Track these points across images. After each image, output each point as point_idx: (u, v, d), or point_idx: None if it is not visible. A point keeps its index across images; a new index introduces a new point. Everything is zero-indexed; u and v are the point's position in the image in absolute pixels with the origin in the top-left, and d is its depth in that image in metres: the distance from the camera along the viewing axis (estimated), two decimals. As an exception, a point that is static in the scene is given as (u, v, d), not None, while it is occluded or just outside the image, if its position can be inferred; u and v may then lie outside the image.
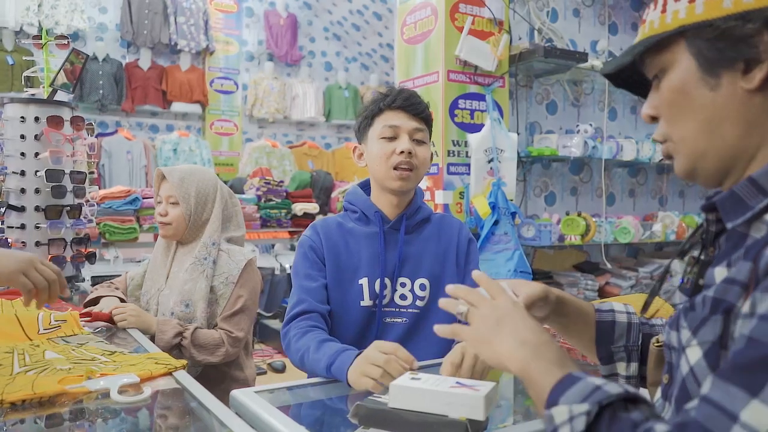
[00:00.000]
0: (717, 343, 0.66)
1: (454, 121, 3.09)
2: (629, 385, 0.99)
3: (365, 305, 1.53)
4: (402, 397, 0.96)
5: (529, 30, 3.48)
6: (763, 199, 0.69)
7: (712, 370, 0.66)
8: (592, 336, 1.00)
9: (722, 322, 0.66)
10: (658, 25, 0.75)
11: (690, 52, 0.73)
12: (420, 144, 1.54)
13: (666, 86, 0.76)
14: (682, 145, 0.76)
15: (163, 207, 1.96)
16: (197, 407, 1.10)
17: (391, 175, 1.52)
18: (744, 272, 0.65)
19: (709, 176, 0.76)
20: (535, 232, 3.23)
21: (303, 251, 1.58)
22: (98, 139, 6.00)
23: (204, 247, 1.93)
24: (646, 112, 0.81)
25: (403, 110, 1.52)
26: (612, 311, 1.01)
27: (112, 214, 3.39)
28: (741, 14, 0.68)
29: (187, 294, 1.89)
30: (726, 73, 0.70)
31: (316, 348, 1.36)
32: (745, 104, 0.70)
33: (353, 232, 1.58)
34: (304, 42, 8.02)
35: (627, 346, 0.99)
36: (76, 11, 6.17)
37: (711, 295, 0.69)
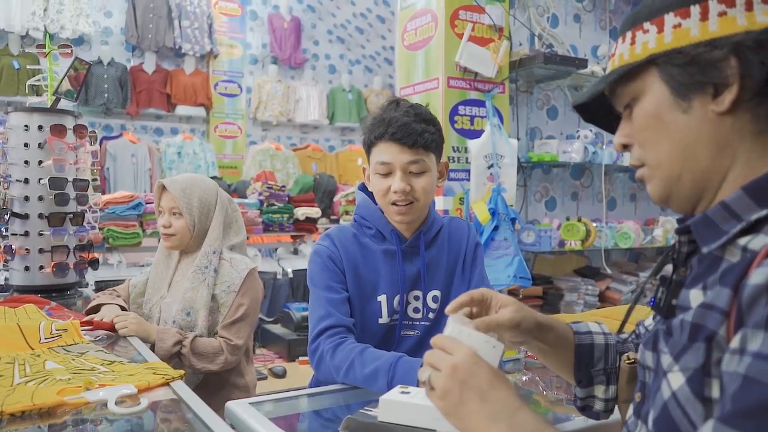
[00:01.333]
0: (700, 371, 0.67)
1: (454, 128, 3.10)
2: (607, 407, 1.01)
3: (383, 322, 1.52)
4: (391, 411, 0.98)
5: (530, 36, 3.49)
6: (737, 224, 0.70)
7: (697, 397, 0.67)
8: (571, 359, 1.00)
9: (705, 349, 0.67)
10: (628, 56, 0.78)
11: (661, 78, 0.75)
12: (418, 175, 1.45)
13: (640, 112, 0.78)
14: (658, 169, 0.78)
15: (166, 218, 1.97)
16: (193, 419, 1.13)
17: (390, 210, 1.49)
18: (723, 299, 0.66)
19: (682, 200, 0.78)
20: (536, 237, 3.24)
21: (322, 261, 1.52)
22: (103, 142, 6.06)
23: (205, 256, 1.95)
24: (618, 141, 0.83)
25: (395, 143, 1.43)
26: (590, 333, 1.01)
27: (115, 219, 3.42)
28: (709, 41, 0.70)
29: (189, 302, 1.91)
30: (697, 97, 0.73)
31: (362, 363, 1.32)
32: (715, 127, 0.72)
33: (370, 247, 1.55)
34: (307, 45, 8.05)
35: (606, 369, 1.00)
36: (81, 15, 6.22)
37: (689, 320, 0.70)
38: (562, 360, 1.00)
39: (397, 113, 1.44)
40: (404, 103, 1.48)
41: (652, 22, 0.75)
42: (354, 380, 1.33)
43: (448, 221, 1.65)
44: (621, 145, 0.83)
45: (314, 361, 1.43)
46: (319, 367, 1.41)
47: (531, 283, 3.02)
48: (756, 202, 0.69)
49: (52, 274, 2.30)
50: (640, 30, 0.76)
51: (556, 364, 1.02)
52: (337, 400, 1.27)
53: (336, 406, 1.27)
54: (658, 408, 0.72)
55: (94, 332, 1.76)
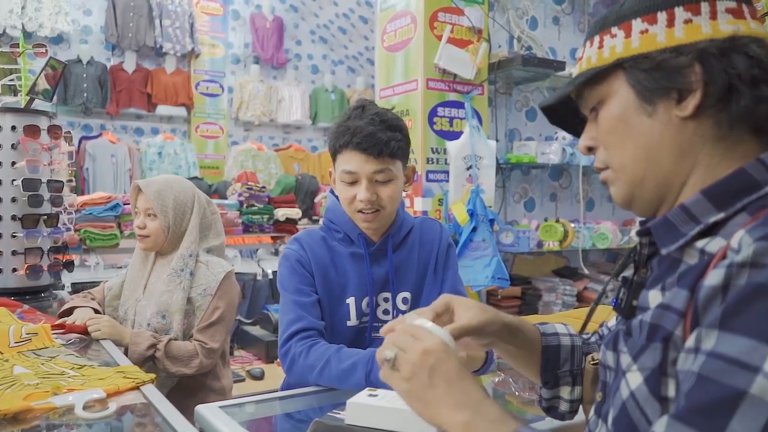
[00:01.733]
0: (657, 371, 0.68)
1: (433, 129, 3.11)
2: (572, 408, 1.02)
3: (351, 325, 1.52)
4: (358, 414, 0.98)
5: (509, 38, 3.52)
6: (695, 227, 0.72)
7: (654, 397, 0.68)
8: (538, 361, 1.00)
9: (662, 349, 0.68)
10: (595, 60, 0.79)
11: (628, 82, 0.76)
12: (384, 184, 1.46)
13: (606, 115, 0.79)
14: (621, 172, 0.79)
15: (141, 220, 1.96)
16: (162, 423, 1.12)
17: (357, 218, 1.49)
18: (680, 300, 0.68)
19: (645, 203, 0.79)
20: (514, 238, 3.26)
21: (290, 264, 1.53)
22: (82, 142, 6.00)
23: (181, 259, 1.94)
24: (584, 144, 0.84)
25: (361, 152, 1.41)
26: (556, 335, 1.02)
27: (92, 221, 3.38)
28: (674, 48, 0.72)
29: (164, 305, 1.90)
30: (662, 102, 0.74)
31: (339, 359, 1.33)
32: (679, 131, 0.74)
33: (338, 250, 1.55)
34: (290, 45, 8.02)
35: (572, 370, 1.01)
36: (60, 14, 6.14)
37: (647, 321, 0.71)
38: (530, 361, 1.01)
39: (362, 121, 1.42)
40: (370, 109, 1.46)
41: (620, 26, 0.77)
42: (329, 377, 1.33)
43: (420, 222, 1.64)
44: (586, 148, 0.84)
45: (286, 363, 1.42)
46: (291, 369, 1.40)
47: (509, 283, 3.04)
48: (714, 205, 0.71)
49: (26, 276, 2.27)
50: (608, 34, 0.78)
51: (524, 366, 1.03)
52: (309, 402, 1.27)
53: (308, 408, 1.27)
54: (617, 407, 0.73)
55: (66, 336, 1.74)
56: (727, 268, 0.61)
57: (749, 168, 0.71)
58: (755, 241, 0.60)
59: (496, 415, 0.74)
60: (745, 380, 0.55)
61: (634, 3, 0.76)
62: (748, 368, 0.55)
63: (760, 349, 0.55)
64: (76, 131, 6.40)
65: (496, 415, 0.74)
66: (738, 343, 0.57)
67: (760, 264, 0.59)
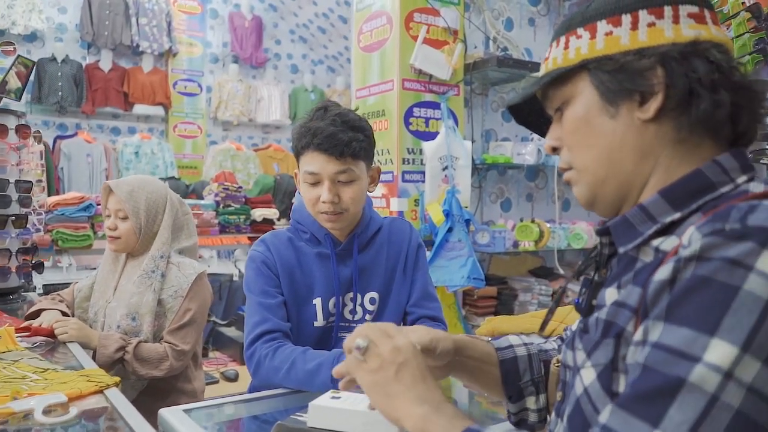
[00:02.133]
0: (609, 366, 0.69)
1: (409, 129, 3.11)
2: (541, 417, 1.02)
3: (318, 325, 1.52)
4: (320, 417, 0.98)
5: (485, 39, 3.53)
6: (652, 226, 0.73)
7: (606, 392, 0.69)
8: (498, 376, 1.00)
9: (614, 345, 0.69)
10: (561, 60, 0.80)
11: (592, 83, 0.77)
12: (347, 185, 1.45)
13: (570, 116, 0.80)
14: (584, 173, 0.80)
15: (112, 221, 1.92)
16: (124, 427, 1.11)
17: (321, 218, 1.50)
18: (634, 297, 0.69)
19: (607, 204, 0.80)
20: (490, 238, 3.27)
21: (256, 266, 1.53)
22: (57, 141, 5.91)
23: (152, 260, 1.91)
24: (548, 144, 0.85)
25: (323, 153, 1.41)
26: (511, 347, 1.02)
27: (65, 221, 3.33)
28: (637, 50, 0.73)
29: (134, 307, 1.88)
30: (624, 104, 0.75)
31: (305, 360, 1.32)
32: (640, 133, 0.74)
33: (304, 251, 1.55)
34: (269, 44, 7.99)
35: (533, 379, 1.00)
36: (33, 11, 6.06)
37: (603, 318, 0.72)
38: (489, 378, 1.00)
39: (323, 122, 1.42)
40: (332, 110, 1.46)
41: (585, 28, 0.77)
42: (295, 377, 1.33)
43: (389, 222, 1.65)
44: (551, 148, 0.84)
45: (251, 366, 1.42)
46: (257, 371, 1.40)
47: (484, 283, 3.05)
48: (671, 205, 0.72)
49: (-7, 278, 2.23)
50: (574, 35, 0.78)
51: (484, 384, 1.02)
52: (275, 404, 1.26)
53: (274, 410, 1.26)
54: (572, 404, 0.74)
55: (31, 339, 1.71)
56: (675, 263, 0.62)
57: (705, 169, 0.72)
58: (704, 236, 0.61)
59: (452, 413, 0.75)
60: (685, 369, 0.56)
61: (599, 5, 0.77)
62: (688, 358, 0.57)
63: (700, 339, 0.57)
64: (51, 130, 6.32)
65: (453, 413, 0.75)
66: (680, 334, 0.58)
67: (705, 257, 0.60)
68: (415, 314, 1.60)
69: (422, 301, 1.61)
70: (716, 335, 0.56)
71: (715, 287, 0.58)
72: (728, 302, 0.57)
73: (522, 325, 1.56)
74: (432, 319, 1.59)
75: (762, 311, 0.56)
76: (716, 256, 0.59)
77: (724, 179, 0.71)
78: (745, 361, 0.55)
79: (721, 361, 0.55)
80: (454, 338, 0.97)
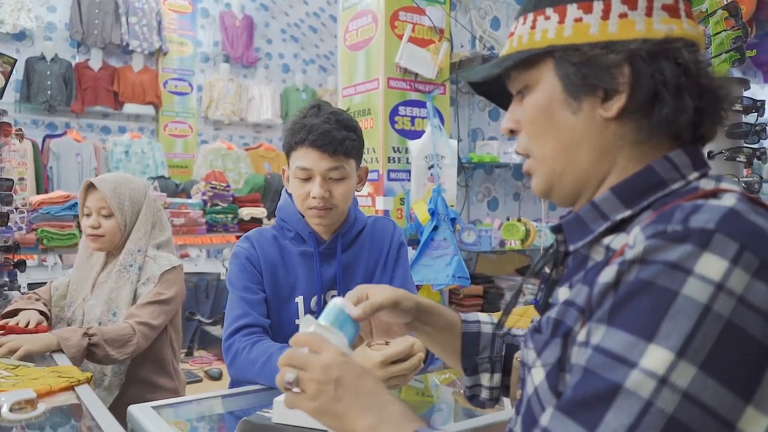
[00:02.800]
0: (556, 366, 0.69)
1: (394, 128, 3.12)
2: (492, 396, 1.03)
3: (299, 323, 1.53)
4: (285, 412, 0.98)
5: (471, 38, 3.53)
6: (603, 223, 0.72)
7: (553, 392, 0.68)
8: (458, 346, 1.00)
9: (561, 345, 0.69)
10: (527, 40, 0.76)
11: (557, 73, 0.74)
12: (338, 182, 1.48)
13: (531, 103, 0.77)
14: (542, 163, 0.78)
15: (95, 219, 1.90)
16: (93, 425, 1.10)
17: (309, 214, 1.51)
18: (582, 296, 0.68)
19: (563, 196, 0.79)
20: (476, 237, 3.28)
21: (239, 262, 1.54)
22: (46, 140, 5.89)
23: (129, 254, 1.90)
24: (506, 126, 0.82)
25: (316, 149, 1.44)
26: (478, 322, 1.02)
27: (50, 220, 3.32)
28: (606, 43, 0.70)
29: (114, 302, 1.87)
30: (587, 99, 0.72)
31: None
32: (601, 131, 0.73)
33: (288, 249, 1.57)
34: (260, 44, 7.97)
35: (491, 357, 1.01)
36: (22, 10, 6.03)
37: (553, 317, 0.72)
38: (448, 346, 1.01)
39: (318, 119, 1.45)
40: (326, 108, 1.49)
41: (555, 9, 0.73)
42: (269, 372, 1.32)
43: (372, 221, 1.66)
44: (508, 130, 0.82)
45: (228, 357, 1.42)
46: (234, 362, 1.41)
47: (470, 282, 3.05)
48: (622, 202, 0.71)
49: (-27, 276, 2.22)
50: (542, 15, 0.74)
51: (442, 350, 1.02)
52: (248, 401, 1.26)
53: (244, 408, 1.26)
54: (525, 403, 0.74)
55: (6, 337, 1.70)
56: (620, 265, 0.62)
57: (656, 166, 0.71)
58: (646, 238, 0.60)
59: (400, 416, 0.74)
60: (622, 374, 0.56)
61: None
62: (625, 363, 0.57)
63: (638, 345, 0.57)
64: (40, 130, 6.29)
65: (400, 415, 0.74)
66: (620, 338, 0.58)
67: (647, 260, 0.59)
68: None
69: None
70: (653, 341, 0.56)
71: (655, 291, 0.58)
72: (666, 307, 0.57)
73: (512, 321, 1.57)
74: None
75: (699, 316, 0.55)
76: (658, 260, 0.59)
77: (674, 176, 0.70)
78: (681, 366, 0.55)
79: (656, 366, 0.55)
80: (417, 300, 0.96)
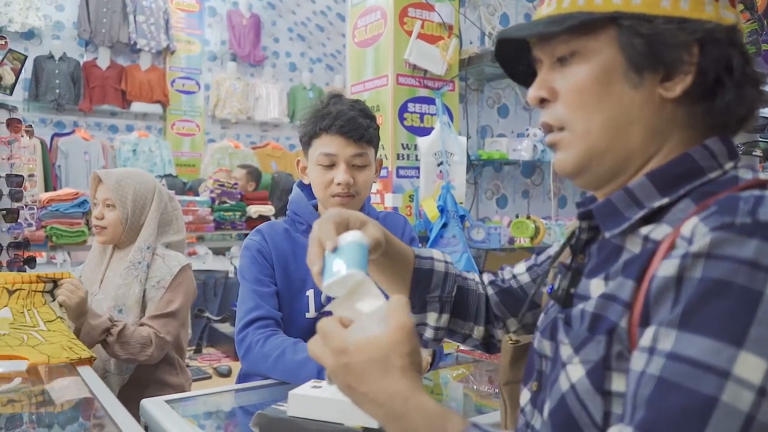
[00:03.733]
0: (601, 364, 0.65)
1: (403, 125, 3.10)
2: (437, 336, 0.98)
3: (310, 317, 1.52)
4: (300, 406, 0.97)
5: (480, 34, 3.52)
6: (638, 211, 0.68)
7: (597, 390, 0.64)
8: (408, 281, 0.96)
9: (606, 342, 0.64)
10: (583, 2, 0.69)
11: (620, 43, 0.68)
12: (360, 169, 1.49)
13: (582, 73, 0.70)
14: (581, 139, 0.71)
15: (99, 210, 1.93)
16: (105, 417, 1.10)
17: (331, 203, 1.50)
18: (626, 290, 0.64)
19: (595, 178, 0.74)
20: (485, 234, 3.26)
21: (251, 255, 1.54)
22: (54, 139, 5.91)
23: (138, 251, 1.90)
24: (536, 94, 0.74)
25: (341, 136, 1.45)
26: (431, 259, 0.98)
27: (59, 217, 3.33)
28: (679, 19, 0.66)
29: (121, 299, 1.87)
30: (649, 75, 0.68)
31: (295, 351, 1.32)
32: (657, 111, 0.69)
33: (300, 242, 1.56)
34: (268, 42, 7.97)
35: (441, 296, 0.97)
36: (31, 9, 6.05)
37: (590, 311, 0.68)
38: (399, 279, 0.96)
39: (343, 106, 1.48)
40: (346, 98, 1.53)
41: None
42: (283, 367, 1.32)
43: (384, 216, 1.66)
44: (538, 99, 0.74)
45: (242, 350, 1.42)
46: (247, 356, 1.41)
47: (479, 279, 3.03)
48: (658, 189, 0.68)
49: (-17, 272, 2.22)
50: None
51: (392, 282, 0.96)
52: (260, 396, 1.26)
53: (257, 402, 1.25)
54: (555, 399, 0.69)
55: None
56: (681, 259, 0.57)
57: (694, 153, 0.68)
58: (711, 230, 0.56)
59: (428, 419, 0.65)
60: (714, 385, 0.51)
61: None
62: (714, 372, 0.51)
63: (726, 352, 0.51)
64: (48, 128, 6.31)
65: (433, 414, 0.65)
66: (701, 344, 0.53)
67: (717, 256, 0.55)
68: None
69: None
70: (744, 347, 0.51)
71: (736, 292, 0.53)
72: (753, 309, 0.52)
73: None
74: None
75: None
76: (729, 255, 0.54)
77: (712, 164, 0.67)
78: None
79: (752, 376, 0.50)
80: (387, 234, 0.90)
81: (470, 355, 1.58)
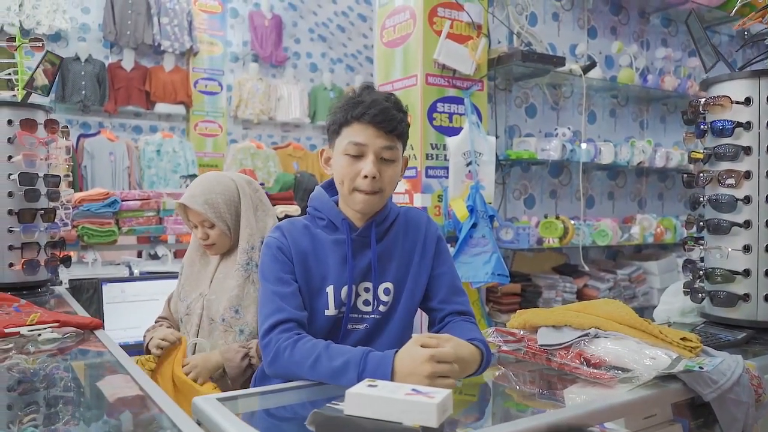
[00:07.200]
0: None
1: (432, 125, 3.10)
2: None
3: (329, 314, 1.48)
4: (357, 405, 0.97)
5: (508, 34, 3.50)
6: None
7: None
8: None
9: None
10: None
11: None
12: (388, 163, 1.44)
13: None
14: None
15: (201, 231, 1.93)
16: (158, 414, 1.11)
17: (355, 197, 1.45)
18: None
19: None
20: (514, 234, 3.25)
21: (271, 253, 1.49)
22: (81, 140, 5.98)
23: (244, 253, 1.91)
24: None
25: (373, 126, 1.40)
26: None
27: (90, 217, 3.35)
28: None
29: (236, 300, 1.87)
30: None
31: (329, 356, 1.28)
32: None
33: (320, 238, 1.51)
34: (289, 43, 8.01)
35: None
36: (57, 11, 6.13)
37: None
38: None
39: (377, 96, 1.43)
40: (379, 90, 1.47)
41: None
42: (320, 374, 1.28)
43: (405, 212, 1.60)
44: None
45: (268, 355, 1.37)
46: (275, 362, 1.36)
47: (509, 280, 3.03)
48: None
49: (22, 271, 2.25)
50: None
51: None
52: (311, 394, 1.26)
53: (308, 401, 1.25)
54: None
55: (61, 329, 1.72)
56: None
57: None
58: None
59: None
60: None
61: None
62: None
63: None
64: (75, 129, 6.39)
65: None
66: None
67: None
68: (444, 311, 1.55)
69: (450, 296, 1.56)
70: None
71: None
72: None
73: (553, 318, 1.53)
74: (461, 313, 1.55)
75: None
76: None
77: None
78: None
79: None
80: None
81: (512, 356, 1.56)
